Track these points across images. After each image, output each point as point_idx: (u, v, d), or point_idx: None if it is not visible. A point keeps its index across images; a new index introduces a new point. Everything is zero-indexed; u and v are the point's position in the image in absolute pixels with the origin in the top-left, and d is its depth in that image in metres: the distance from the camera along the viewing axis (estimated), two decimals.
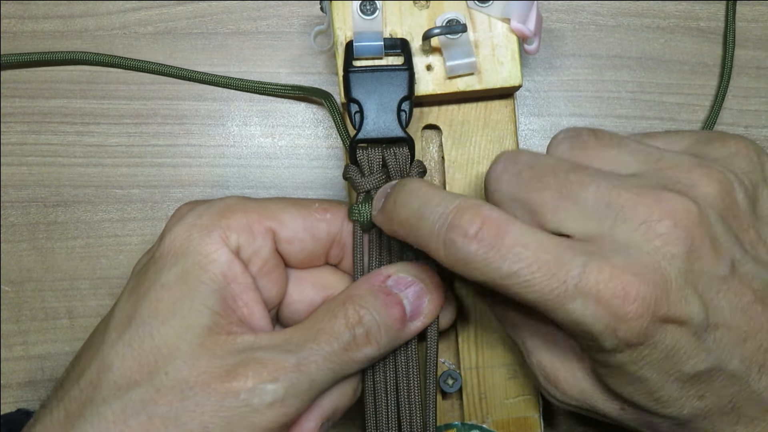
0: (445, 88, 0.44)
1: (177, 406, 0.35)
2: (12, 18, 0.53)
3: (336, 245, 0.42)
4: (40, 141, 0.53)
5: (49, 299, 0.52)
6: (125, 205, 0.53)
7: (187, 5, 0.54)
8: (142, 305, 0.37)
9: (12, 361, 0.52)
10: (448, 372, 0.46)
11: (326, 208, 0.41)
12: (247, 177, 0.53)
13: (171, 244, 0.38)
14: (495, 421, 0.46)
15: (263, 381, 0.36)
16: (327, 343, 0.37)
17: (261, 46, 0.54)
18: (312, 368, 0.36)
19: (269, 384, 0.36)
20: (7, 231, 0.52)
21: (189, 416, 0.35)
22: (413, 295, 0.40)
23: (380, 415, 0.41)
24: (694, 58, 0.54)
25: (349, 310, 0.38)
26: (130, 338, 0.37)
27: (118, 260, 0.52)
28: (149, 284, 0.38)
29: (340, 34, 0.43)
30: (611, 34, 0.54)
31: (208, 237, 0.38)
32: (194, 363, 0.36)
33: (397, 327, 0.39)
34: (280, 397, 0.36)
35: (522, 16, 0.43)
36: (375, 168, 0.42)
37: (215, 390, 0.35)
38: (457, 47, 0.43)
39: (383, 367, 0.41)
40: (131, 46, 0.53)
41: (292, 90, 0.52)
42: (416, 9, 0.44)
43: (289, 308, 0.42)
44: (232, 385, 0.35)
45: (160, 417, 0.35)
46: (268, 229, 0.40)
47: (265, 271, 0.40)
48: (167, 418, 0.35)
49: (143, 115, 0.53)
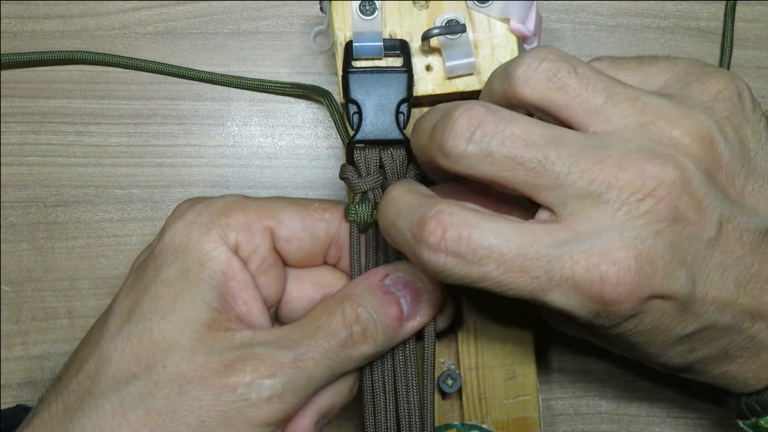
0: (445, 88, 0.44)
1: (174, 400, 0.35)
2: (12, 18, 0.53)
3: (334, 245, 0.42)
4: (40, 141, 0.53)
5: (49, 299, 0.52)
6: (125, 205, 0.53)
7: (187, 5, 0.54)
8: (142, 301, 0.38)
9: (12, 361, 0.52)
10: (448, 372, 0.46)
11: (325, 208, 0.41)
12: (247, 177, 0.53)
13: (171, 241, 0.39)
14: (494, 421, 0.46)
15: (261, 376, 0.36)
16: (324, 340, 0.37)
17: (261, 46, 0.54)
18: (309, 364, 0.37)
19: (267, 379, 0.36)
20: (7, 231, 0.52)
21: (186, 410, 0.35)
22: (410, 294, 0.40)
23: (379, 415, 0.41)
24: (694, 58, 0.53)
25: (347, 308, 0.38)
26: (129, 333, 0.37)
27: (118, 260, 0.53)
28: (149, 280, 0.38)
29: (339, 35, 0.43)
30: (611, 34, 0.54)
31: (207, 235, 0.38)
32: (192, 357, 0.36)
33: (394, 326, 0.39)
34: (277, 392, 0.36)
35: (521, 17, 0.43)
36: (372, 169, 0.42)
37: (213, 384, 0.36)
38: (456, 47, 0.43)
39: (381, 366, 0.41)
40: (131, 46, 0.53)
41: (291, 88, 0.52)
42: (416, 9, 0.44)
43: (288, 306, 0.42)
44: (229, 379, 0.36)
45: (158, 410, 0.35)
46: (267, 228, 0.40)
47: (264, 269, 0.40)
48: (165, 412, 0.35)
49: (143, 115, 0.53)
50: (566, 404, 0.52)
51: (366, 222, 0.41)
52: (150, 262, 0.39)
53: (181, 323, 0.37)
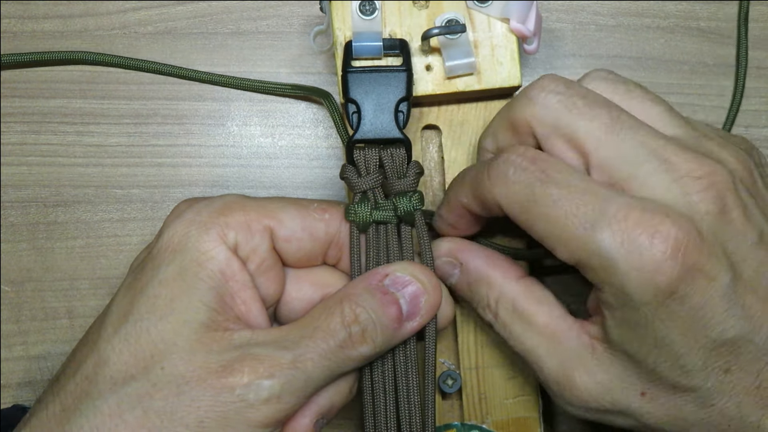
0: (445, 88, 0.44)
1: (173, 401, 0.35)
2: (12, 18, 0.53)
3: (334, 245, 0.42)
4: (40, 141, 0.53)
5: (49, 299, 0.52)
6: (125, 205, 0.53)
7: (187, 5, 0.54)
8: (140, 301, 0.38)
9: (12, 361, 0.52)
10: (448, 372, 0.46)
11: (325, 209, 0.41)
12: (247, 177, 0.53)
13: (169, 241, 0.39)
14: (495, 421, 0.46)
15: (259, 377, 0.36)
16: (323, 341, 0.37)
17: (261, 46, 0.54)
18: (308, 365, 0.37)
19: (265, 380, 0.36)
20: (7, 231, 0.52)
21: (185, 411, 0.35)
22: (410, 294, 0.40)
23: (379, 416, 0.41)
24: (694, 58, 0.54)
25: (346, 308, 0.38)
26: (126, 333, 0.37)
27: (118, 260, 0.53)
28: (147, 280, 0.38)
29: (339, 35, 0.43)
30: (611, 34, 0.54)
31: (206, 234, 0.38)
32: (190, 358, 0.36)
33: (393, 326, 0.39)
34: (276, 393, 0.36)
35: (521, 16, 0.43)
36: (372, 168, 0.42)
37: (211, 385, 0.35)
38: (456, 47, 0.43)
39: (382, 366, 0.41)
40: (131, 46, 0.53)
41: (291, 89, 0.52)
42: (415, 9, 0.44)
43: (287, 306, 0.42)
44: (228, 380, 0.35)
45: (156, 411, 0.35)
46: (266, 228, 0.40)
47: (263, 269, 0.40)
48: (163, 413, 0.35)
49: (143, 115, 0.53)
50: None
51: (365, 222, 0.41)
52: (148, 262, 0.39)
53: (179, 324, 0.37)
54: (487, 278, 0.42)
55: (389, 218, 0.41)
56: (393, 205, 0.41)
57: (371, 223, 0.41)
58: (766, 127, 0.53)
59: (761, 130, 0.53)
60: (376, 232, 0.42)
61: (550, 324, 0.40)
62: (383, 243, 0.42)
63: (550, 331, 0.40)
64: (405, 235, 0.42)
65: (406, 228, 0.42)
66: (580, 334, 0.39)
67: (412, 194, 0.41)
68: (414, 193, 0.41)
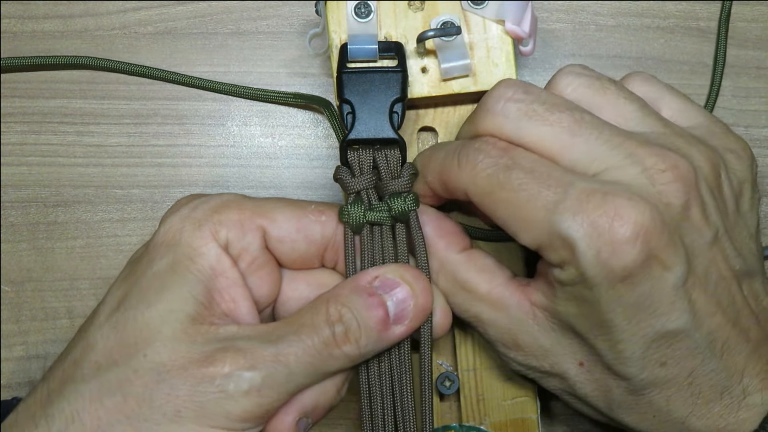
0: (440, 90, 0.44)
1: (152, 388, 0.35)
2: (12, 18, 0.53)
3: (331, 248, 0.42)
4: (40, 141, 0.53)
5: (49, 299, 0.52)
6: (125, 205, 0.53)
7: (187, 5, 0.54)
8: (132, 291, 0.38)
9: (12, 361, 0.52)
10: (446, 374, 0.46)
11: (322, 211, 0.41)
12: (247, 177, 0.53)
13: (165, 235, 0.39)
14: (493, 422, 0.46)
15: (240, 368, 0.36)
16: (307, 337, 0.37)
17: (261, 46, 0.54)
18: (291, 359, 0.36)
19: (246, 371, 0.36)
20: (7, 231, 0.53)
21: (163, 399, 0.35)
22: (398, 298, 0.40)
23: (376, 418, 0.41)
24: (694, 58, 0.53)
25: (331, 308, 0.38)
26: (116, 321, 0.37)
27: (118, 260, 0.53)
28: (141, 272, 0.39)
29: (334, 37, 0.43)
30: (611, 34, 0.54)
31: (199, 230, 0.39)
32: (174, 347, 0.36)
33: (378, 328, 0.38)
34: (256, 385, 0.36)
35: (517, 18, 0.43)
36: (365, 169, 0.42)
37: (191, 374, 0.36)
38: (451, 49, 0.43)
39: (378, 368, 0.41)
40: (131, 46, 0.54)
41: (293, 98, 0.52)
42: (411, 11, 0.44)
43: (284, 307, 0.42)
44: (208, 370, 0.36)
45: (135, 397, 0.36)
46: (259, 227, 0.40)
47: (255, 267, 0.40)
48: (141, 399, 0.35)
49: (143, 115, 0.53)
50: (565, 405, 0.52)
51: (359, 223, 0.41)
52: (144, 256, 0.40)
53: (166, 312, 0.37)
54: (430, 248, 0.42)
55: (383, 219, 0.41)
56: (387, 206, 0.41)
57: (365, 225, 0.41)
58: (766, 127, 0.53)
59: (761, 130, 0.53)
60: (370, 234, 0.41)
61: (492, 291, 0.41)
62: (378, 244, 0.42)
63: (492, 298, 0.41)
64: (400, 237, 0.41)
65: (401, 229, 0.42)
66: (522, 300, 0.40)
67: (407, 195, 0.41)
68: (408, 193, 0.41)
